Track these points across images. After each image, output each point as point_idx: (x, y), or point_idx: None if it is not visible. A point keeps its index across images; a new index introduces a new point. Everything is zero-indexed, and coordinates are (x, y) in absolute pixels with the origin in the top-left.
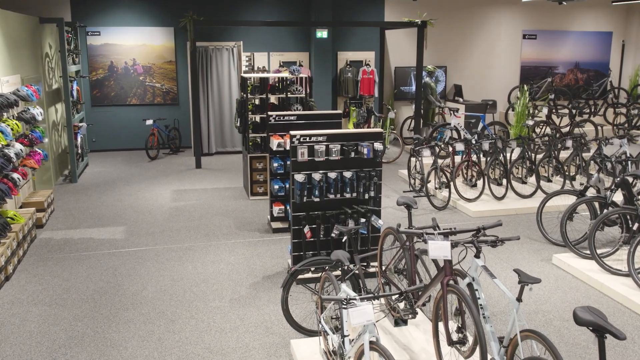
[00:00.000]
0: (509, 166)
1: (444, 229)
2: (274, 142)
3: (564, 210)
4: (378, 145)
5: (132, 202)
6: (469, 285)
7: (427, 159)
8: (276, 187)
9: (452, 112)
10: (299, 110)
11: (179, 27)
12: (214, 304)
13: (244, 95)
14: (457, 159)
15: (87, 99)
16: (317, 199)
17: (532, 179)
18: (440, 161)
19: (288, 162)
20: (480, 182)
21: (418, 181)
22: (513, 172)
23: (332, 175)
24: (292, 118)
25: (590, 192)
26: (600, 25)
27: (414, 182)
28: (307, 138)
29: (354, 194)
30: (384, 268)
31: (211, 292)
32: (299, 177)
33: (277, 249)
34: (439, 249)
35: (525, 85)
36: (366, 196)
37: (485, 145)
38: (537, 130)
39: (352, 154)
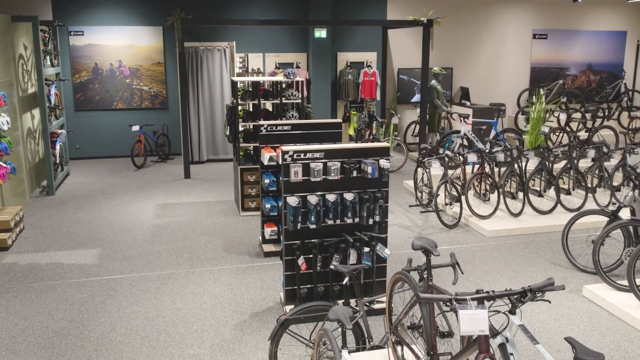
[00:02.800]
0: (526, 179)
1: (478, 293)
2: (265, 156)
3: (593, 230)
4: (384, 163)
5: (111, 219)
6: (501, 346)
7: (436, 169)
8: (268, 205)
9: (462, 118)
10: (295, 117)
11: (167, 27)
12: (192, 351)
13: (234, 100)
14: (468, 169)
15: (69, 104)
16: (313, 226)
17: (549, 192)
18: (450, 171)
19: (281, 178)
20: (493, 196)
21: (425, 194)
22: (529, 185)
23: (331, 197)
24: (285, 128)
25: (624, 213)
26: (614, 24)
27: (420, 196)
28: (302, 154)
29: (356, 219)
30: (394, 321)
31: (190, 334)
32: (292, 201)
33: (268, 278)
34: (473, 321)
35: (541, 89)
36: (370, 221)
37: (501, 156)
38: (553, 138)
39: (354, 173)
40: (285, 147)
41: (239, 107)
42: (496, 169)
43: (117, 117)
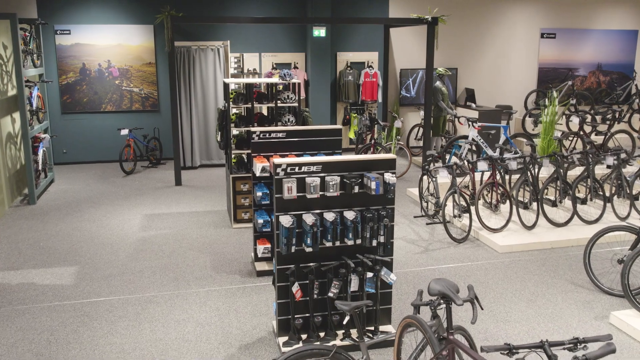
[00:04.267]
0: (541, 188)
1: (509, 345)
2: (258, 166)
3: (616, 245)
4: (390, 177)
5: (93, 231)
6: None
7: (443, 178)
8: (260, 221)
9: (470, 122)
10: (291, 122)
11: (158, 25)
12: None
13: (226, 104)
14: (477, 176)
15: (56, 106)
16: (309, 249)
17: (565, 202)
18: (457, 179)
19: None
20: (504, 206)
21: (431, 204)
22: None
23: (330, 216)
24: (280, 135)
25: None
26: (624, 23)
27: (426, 206)
28: (296, 168)
29: (358, 241)
30: None
31: None
32: (285, 220)
33: (260, 302)
34: None
35: (554, 91)
36: (374, 243)
37: (513, 164)
38: (565, 143)
39: (356, 189)
40: (277, 160)
41: (232, 111)
42: (506, 177)
43: (106, 120)
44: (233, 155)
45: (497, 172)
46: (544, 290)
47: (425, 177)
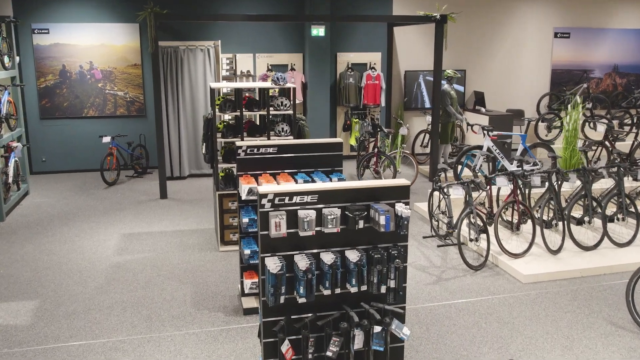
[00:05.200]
0: (567, 206)
1: None
2: (244, 188)
3: None
4: (403, 209)
5: (63, 255)
6: None
7: (457, 194)
8: (247, 251)
9: (485, 131)
10: (285, 132)
11: (144, 23)
12: None
13: (211, 111)
14: (493, 189)
15: (34, 111)
16: (302, 299)
17: (594, 221)
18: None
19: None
20: (525, 226)
21: (443, 223)
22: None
23: (328, 258)
24: (270, 150)
25: None
26: None
27: (437, 225)
28: (286, 198)
29: (363, 287)
30: None
31: None
32: (272, 265)
33: (246, 350)
34: None
35: (578, 96)
36: (382, 289)
37: (537, 180)
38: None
39: (361, 224)
40: (263, 188)
41: (221, 119)
42: (525, 191)
43: (89, 126)
44: (220, 169)
45: (518, 188)
46: (580, 333)
47: (435, 193)
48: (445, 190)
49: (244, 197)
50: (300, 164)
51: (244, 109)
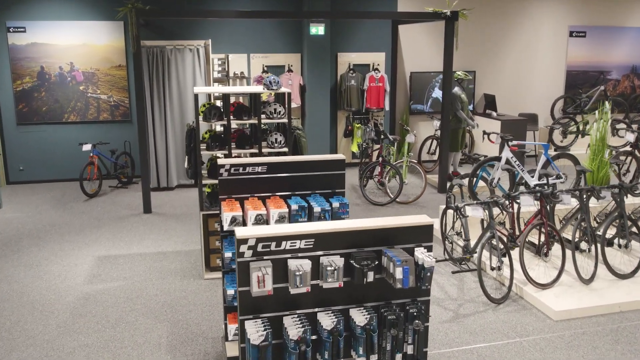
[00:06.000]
0: (601, 226)
1: None
2: (226, 216)
3: None
4: (424, 257)
5: (27, 283)
6: None
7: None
8: (231, 291)
9: (505, 140)
10: (279, 143)
11: (126, 20)
12: None
13: (194, 121)
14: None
15: (10, 116)
16: None
17: (627, 246)
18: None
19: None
20: (549, 250)
21: (457, 244)
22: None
23: (327, 322)
24: (258, 170)
25: None
26: None
27: (450, 248)
28: (273, 244)
29: (373, 357)
30: None
31: None
32: (254, 333)
33: None
34: None
35: (607, 101)
36: (398, 357)
37: (567, 198)
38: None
39: (370, 276)
40: (242, 232)
41: (210, 127)
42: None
43: (70, 132)
44: (205, 186)
45: (545, 208)
46: None
47: (449, 211)
48: (462, 210)
49: (226, 226)
50: (294, 185)
51: (231, 117)
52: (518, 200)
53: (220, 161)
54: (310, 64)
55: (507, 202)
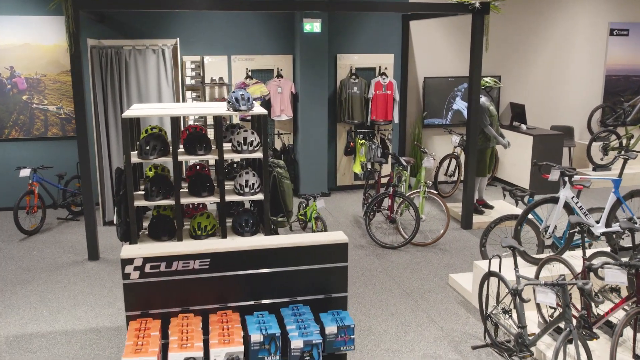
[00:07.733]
0: None
1: None
2: None
3: None
4: None
5: None
6: None
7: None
8: None
9: (568, 176)
10: (252, 188)
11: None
12: None
13: (125, 157)
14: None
15: None
16: None
17: None
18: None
19: None
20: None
21: (505, 329)
22: None
23: None
24: (196, 265)
25: None
26: None
27: (495, 331)
28: None
29: None
30: None
31: None
32: None
33: None
34: None
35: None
36: None
37: None
38: None
39: None
40: None
41: (150, 166)
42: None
43: (10, 151)
44: None
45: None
46: None
47: (492, 279)
48: (521, 294)
49: None
50: (261, 289)
51: (179, 152)
52: (600, 275)
53: (125, 253)
54: (304, 68)
55: (591, 287)
